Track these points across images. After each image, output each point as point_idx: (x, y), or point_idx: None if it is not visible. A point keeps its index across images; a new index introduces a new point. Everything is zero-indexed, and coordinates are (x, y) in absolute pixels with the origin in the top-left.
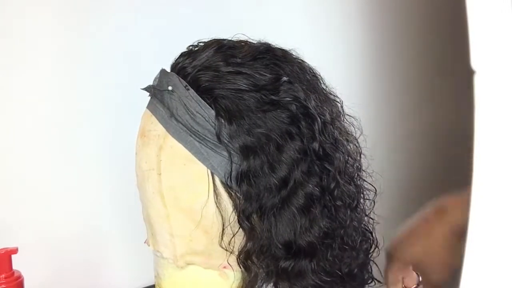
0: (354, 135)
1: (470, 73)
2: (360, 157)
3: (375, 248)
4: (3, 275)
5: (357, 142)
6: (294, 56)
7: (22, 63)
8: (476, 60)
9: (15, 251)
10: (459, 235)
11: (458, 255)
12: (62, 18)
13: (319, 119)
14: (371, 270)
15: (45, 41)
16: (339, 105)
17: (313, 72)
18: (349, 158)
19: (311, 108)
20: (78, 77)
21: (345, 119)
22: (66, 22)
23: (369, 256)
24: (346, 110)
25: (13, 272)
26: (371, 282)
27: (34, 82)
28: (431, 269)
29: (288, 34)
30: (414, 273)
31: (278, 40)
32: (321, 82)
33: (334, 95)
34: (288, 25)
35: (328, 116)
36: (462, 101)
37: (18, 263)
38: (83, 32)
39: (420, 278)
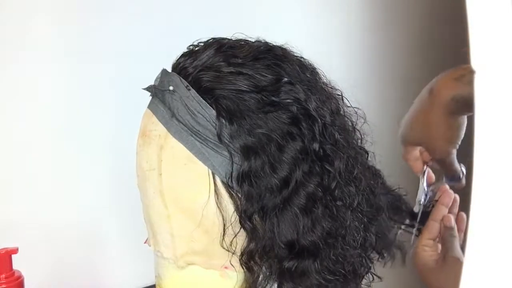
0: (355, 125)
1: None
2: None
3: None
4: (3, 275)
5: (360, 137)
6: (293, 54)
7: (22, 62)
8: (476, 60)
9: (15, 251)
10: (451, 111)
11: (454, 130)
12: (62, 17)
13: (319, 120)
14: (373, 267)
15: (45, 40)
16: (339, 97)
17: (313, 67)
18: (349, 159)
19: (312, 110)
20: (78, 76)
21: (346, 111)
22: (66, 22)
23: (369, 254)
24: (348, 100)
25: (13, 272)
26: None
27: (35, 82)
28: (434, 147)
29: (288, 31)
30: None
31: (277, 38)
32: (321, 77)
33: (333, 88)
34: (288, 23)
35: (328, 118)
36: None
37: (18, 263)
38: (83, 32)
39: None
